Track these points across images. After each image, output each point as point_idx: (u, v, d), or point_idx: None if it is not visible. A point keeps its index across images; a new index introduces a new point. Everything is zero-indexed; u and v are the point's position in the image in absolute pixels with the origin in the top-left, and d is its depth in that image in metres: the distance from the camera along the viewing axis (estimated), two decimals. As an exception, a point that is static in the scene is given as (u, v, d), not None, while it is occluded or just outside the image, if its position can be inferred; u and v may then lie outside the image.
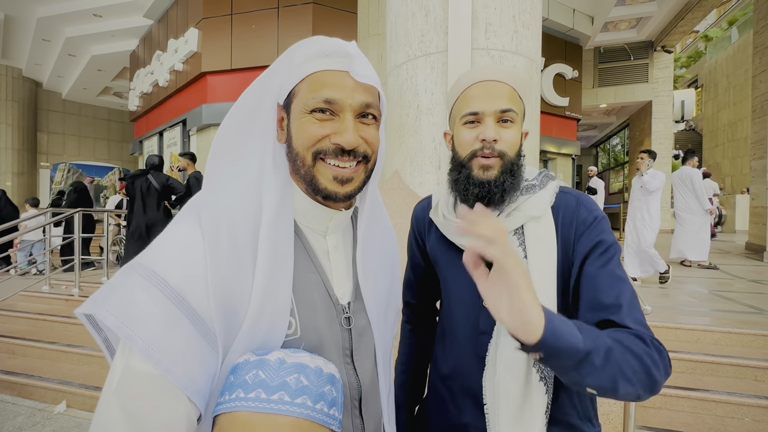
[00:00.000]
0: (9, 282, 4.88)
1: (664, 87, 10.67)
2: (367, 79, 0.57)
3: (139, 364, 0.45)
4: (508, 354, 0.71)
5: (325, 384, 0.47)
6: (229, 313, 0.50)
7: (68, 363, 3.23)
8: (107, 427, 0.44)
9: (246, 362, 0.47)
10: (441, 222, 0.84)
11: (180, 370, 0.46)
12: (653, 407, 2.23)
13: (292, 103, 0.58)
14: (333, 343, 0.59)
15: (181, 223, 0.53)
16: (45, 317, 3.91)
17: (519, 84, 0.78)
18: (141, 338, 0.44)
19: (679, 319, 2.92)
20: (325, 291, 0.60)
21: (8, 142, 11.28)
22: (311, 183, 0.57)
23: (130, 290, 0.47)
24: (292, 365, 0.46)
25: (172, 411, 0.45)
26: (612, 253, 0.70)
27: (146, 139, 9.72)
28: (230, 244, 0.52)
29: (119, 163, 14.19)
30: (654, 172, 4.60)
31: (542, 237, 0.74)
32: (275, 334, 0.52)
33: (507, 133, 0.75)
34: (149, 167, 4.73)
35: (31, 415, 2.68)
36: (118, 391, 0.44)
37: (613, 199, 14.01)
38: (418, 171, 2.13)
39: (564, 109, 9.24)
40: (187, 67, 7.55)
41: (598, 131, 14.94)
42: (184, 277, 0.48)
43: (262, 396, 0.43)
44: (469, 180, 0.76)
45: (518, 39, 2.09)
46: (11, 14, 8.66)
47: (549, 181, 0.80)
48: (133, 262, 0.49)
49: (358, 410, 0.61)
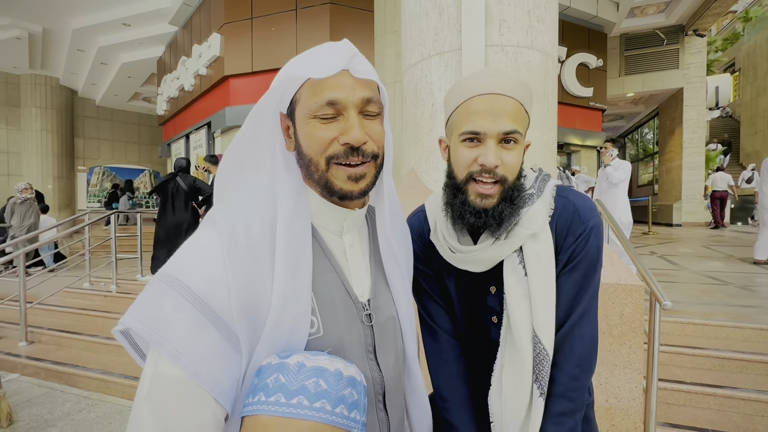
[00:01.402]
0: (54, 280, 5.24)
1: (697, 73, 10.15)
2: (365, 74, 0.58)
3: (168, 369, 0.47)
4: (514, 372, 0.73)
5: (345, 387, 0.48)
6: (252, 316, 0.52)
7: (109, 354, 3.46)
8: (141, 427, 0.46)
9: (268, 365, 0.48)
10: (446, 253, 0.79)
11: (206, 372, 0.48)
12: (677, 404, 2.19)
13: (295, 110, 0.59)
14: (355, 340, 0.61)
15: (200, 232, 0.56)
16: (86, 312, 4.19)
17: (525, 96, 0.72)
18: (169, 343, 0.47)
19: (708, 315, 2.83)
20: (344, 290, 0.62)
21: (49, 147, 11.98)
22: (326, 186, 0.58)
23: (156, 299, 0.49)
24: (311, 369, 0.47)
25: (200, 412, 0.48)
26: (584, 265, 0.73)
27: (174, 142, 10.11)
28: (248, 248, 0.53)
29: (149, 165, 14.82)
30: (618, 163, 4.36)
31: (540, 255, 0.72)
32: (298, 334, 0.54)
33: (509, 156, 0.70)
34: (177, 170, 4.94)
35: (78, 402, 2.90)
36: (148, 396, 0.47)
37: (641, 191, 13.49)
38: (434, 169, 2.16)
39: (588, 100, 8.97)
40: (210, 71, 7.80)
41: (626, 121, 14.39)
42: (205, 284, 0.50)
43: (282, 400, 0.44)
44: (464, 206, 0.72)
45: (533, 34, 2.08)
46: (49, 27, 9.19)
47: (545, 184, 0.77)
48: (159, 273, 0.52)
49: (382, 404, 0.63)
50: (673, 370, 2.42)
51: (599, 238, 0.74)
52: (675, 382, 2.25)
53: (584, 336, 0.72)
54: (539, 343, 0.70)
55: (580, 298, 0.73)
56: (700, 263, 4.98)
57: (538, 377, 0.71)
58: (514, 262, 0.73)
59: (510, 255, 0.74)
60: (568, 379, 0.71)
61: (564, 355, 0.72)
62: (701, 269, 4.58)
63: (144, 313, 0.48)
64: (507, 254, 0.73)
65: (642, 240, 7.58)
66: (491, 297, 0.78)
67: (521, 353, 0.71)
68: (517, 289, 0.73)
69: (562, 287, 0.73)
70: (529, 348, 0.71)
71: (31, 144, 11.80)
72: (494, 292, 0.78)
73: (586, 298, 0.73)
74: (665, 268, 4.71)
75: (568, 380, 0.71)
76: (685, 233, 8.58)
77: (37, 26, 9.08)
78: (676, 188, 10.51)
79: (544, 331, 0.71)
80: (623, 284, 1.71)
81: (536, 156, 2.10)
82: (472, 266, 0.76)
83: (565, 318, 0.73)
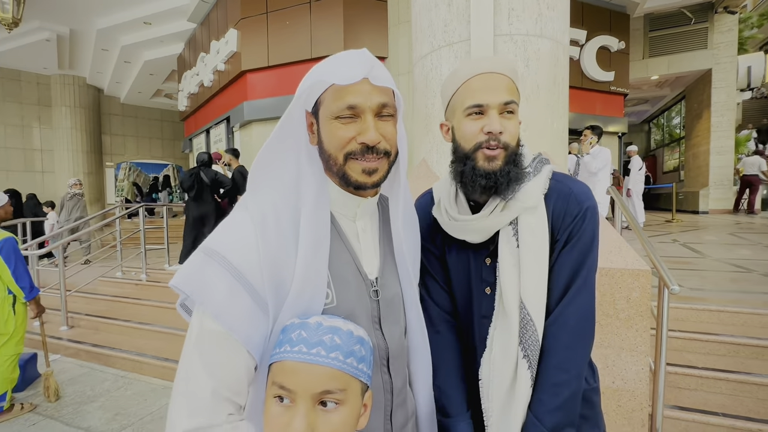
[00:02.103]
0: (89, 270, 5.58)
1: (727, 52, 9.64)
2: (383, 81, 0.66)
3: (211, 324, 0.58)
4: (503, 336, 0.79)
5: (355, 344, 0.57)
6: (278, 286, 0.61)
7: (141, 338, 3.70)
8: (190, 368, 0.58)
9: (292, 324, 0.59)
10: (445, 222, 0.86)
11: (241, 329, 0.58)
12: (688, 388, 2.21)
13: (319, 110, 0.67)
14: (364, 312, 0.69)
15: (235, 214, 0.66)
16: (119, 299, 4.46)
17: (514, 74, 0.81)
18: (211, 304, 0.58)
19: (726, 302, 2.80)
20: (356, 268, 0.71)
21: (78, 145, 12.53)
22: (343, 177, 0.67)
23: (200, 267, 0.60)
24: (328, 327, 0.57)
25: (236, 360, 0.59)
26: (582, 243, 0.78)
27: (195, 137, 10.40)
28: (276, 229, 0.63)
29: (172, 160, 15.29)
30: (598, 150, 4.17)
31: (534, 229, 0.78)
32: (316, 303, 0.63)
33: (510, 125, 0.78)
34: (199, 164, 5.13)
35: (115, 381, 3.13)
36: (196, 343, 0.58)
37: (667, 178, 13.03)
38: (445, 158, 2.20)
39: (609, 84, 8.69)
40: (228, 67, 7.96)
41: (650, 106, 13.84)
42: (241, 257, 0.60)
43: (304, 350, 0.55)
44: (474, 171, 0.78)
45: (543, 22, 2.08)
46: (75, 28, 9.55)
47: (543, 166, 0.83)
48: (201, 246, 0.63)
49: (386, 368, 0.72)
50: (686, 355, 2.43)
51: (595, 219, 0.79)
52: (686, 366, 2.27)
53: (579, 310, 0.77)
54: (524, 309, 0.76)
55: (576, 274, 0.77)
56: (725, 251, 4.85)
57: (522, 340, 0.76)
58: (509, 233, 0.80)
59: (505, 227, 0.80)
60: (563, 350, 0.75)
61: (558, 327, 0.76)
62: (725, 257, 4.47)
63: (191, 279, 0.59)
64: (503, 224, 0.80)
65: (665, 228, 7.39)
66: (486, 268, 0.84)
67: (509, 318, 0.78)
68: (509, 259, 0.79)
69: (561, 265, 0.78)
70: (516, 314, 0.77)
71: (63, 141, 12.37)
72: (489, 263, 0.84)
73: (582, 275, 0.77)
74: (687, 255, 4.62)
75: (563, 351, 0.75)
76: (711, 220, 8.29)
77: (64, 28, 9.45)
78: (703, 174, 10.12)
79: (530, 300, 0.76)
80: (630, 269, 1.74)
81: (547, 143, 2.12)
82: (470, 235, 0.83)
83: (563, 293, 0.78)
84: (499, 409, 0.79)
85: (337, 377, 0.54)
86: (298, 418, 0.52)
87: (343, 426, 0.55)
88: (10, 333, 2.64)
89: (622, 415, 1.75)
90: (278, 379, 0.55)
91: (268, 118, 7.23)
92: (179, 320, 3.82)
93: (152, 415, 2.60)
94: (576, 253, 0.78)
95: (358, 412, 0.57)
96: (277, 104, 7.08)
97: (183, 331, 3.60)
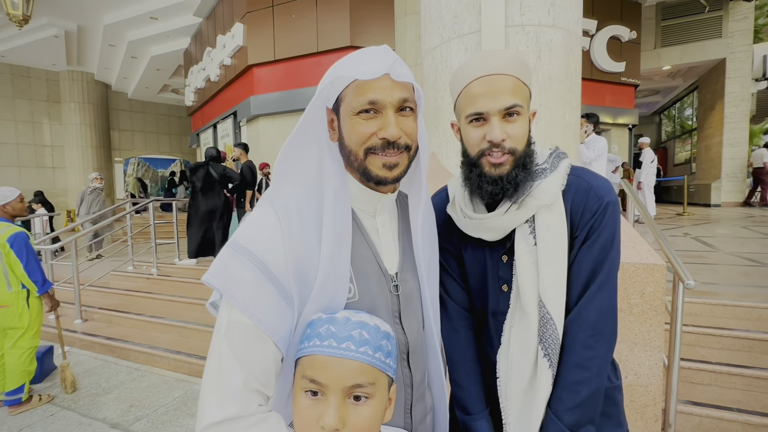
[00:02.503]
0: (101, 264, 5.66)
1: (742, 41, 9.41)
2: (403, 77, 0.66)
3: (239, 317, 0.59)
4: (521, 333, 0.78)
5: (382, 339, 0.58)
6: (302, 279, 0.62)
7: (153, 331, 3.76)
8: (220, 358, 0.59)
9: (319, 319, 0.60)
10: (460, 220, 0.85)
11: (268, 321, 0.59)
12: (701, 383, 2.19)
13: (340, 106, 0.68)
14: (384, 306, 0.70)
15: (260, 209, 0.66)
16: (131, 293, 4.53)
17: (522, 71, 0.76)
18: (239, 296, 0.59)
19: (740, 296, 2.76)
20: (376, 263, 0.72)
21: (88, 140, 12.67)
22: (364, 173, 0.68)
23: (228, 261, 0.61)
24: (356, 323, 0.58)
25: (265, 351, 0.60)
26: (602, 240, 0.75)
27: (202, 132, 10.46)
28: (300, 223, 0.64)
29: (180, 155, 15.40)
30: (594, 139, 3.95)
31: (552, 226, 0.76)
32: (339, 297, 0.64)
33: (514, 128, 0.75)
34: (208, 159, 5.15)
35: (129, 373, 3.19)
36: (226, 334, 0.59)
37: (678, 170, 12.84)
38: (454, 153, 2.20)
39: (619, 75, 8.55)
40: (235, 61, 7.96)
41: (662, 96, 13.59)
42: (267, 250, 0.61)
43: (334, 344, 0.55)
44: (481, 177, 0.77)
45: (555, 11, 2.04)
46: (83, 24, 9.60)
47: (560, 161, 0.81)
48: (228, 241, 0.63)
49: (406, 362, 0.73)
50: (699, 350, 2.40)
51: (616, 214, 0.76)
52: (700, 361, 2.24)
53: (600, 307, 0.75)
54: (544, 308, 0.76)
55: (597, 271, 0.76)
56: (737, 244, 4.77)
57: (542, 338, 0.76)
58: (525, 231, 0.78)
59: (522, 225, 0.78)
60: (582, 348, 0.74)
61: (579, 325, 0.75)
62: (737, 250, 4.40)
63: (220, 273, 0.60)
64: (519, 223, 0.78)
65: (676, 221, 7.29)
66: (503, 266, 0.83)
67: (528, 316, 0.77)
68: (527, 257, 0.78)
69: (581, 262, 0.76)
70: (535, 312, 0.76)
71: (72, 137, 12.52)
72: (506, 261, 0.83)
73: (604, 271, 0.76)
74: (698, 249, 4.55)
75: (582, 349, 0.74)
76: (723, 213, 8.16)
77: (72, 24, 9.50)
78: (715, 166, 9.94)
79: (549, 298, 0.75)
80: (644, 263, 1.72)
81: (558, 136, 2.09)
82: (486, 233, 0.81)
83: (583, 290, 0.76)
84: (518, 407, 0.78)
85: (367, 371, 0.55)
86: (330, 410, 0.53)
87: (371, 419, 0.56)
88: (25, 327, 2.69)
89: (635, 410, 1.74)
90: (309, 373, 0.56)
91: (275, 113, 7.22)
92: (190, 314, 3.87)
93: (166, 407, 2.65)
94: (596, 250, 0.76)
95: (385, 405, 0.59)
96: (284, 98, 7.07)
97: (194, 325, 3.65)
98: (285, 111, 7.07)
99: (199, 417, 0.57)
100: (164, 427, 2.43)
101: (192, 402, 2.71)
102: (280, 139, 7.00)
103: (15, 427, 2.50)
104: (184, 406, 2.66)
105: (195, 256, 5.10)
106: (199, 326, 3.57)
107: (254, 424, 0.56)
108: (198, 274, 4.73)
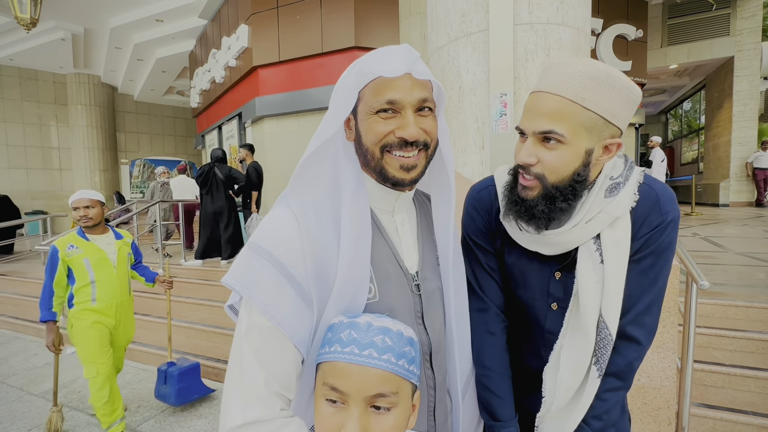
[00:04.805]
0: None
1: (750, 39, 9.29)
2: (424, 75, 0.65)
3: (259, 319, 0.59)
4: (573, 355, 0.75)
5: (405, 345, 0.56)
6: (321, 280, 0.61)
7: (161, 332, 3.76)
8: (241, 360, 0.58)
9: (340, 323, 0.57)
10: (515, 232, 0.79)
11: (288, 323, 0.59)
12: (715, 386, 2.15)
13: (358, 106, 0.67)
14: (406, 306, 0.69)
15: (277, 210, 0.65)
16: (138, 294, 4.52)
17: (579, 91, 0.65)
18: (259, 298, 0.58)
19: (751, 297, 2.71)
20: (396, 262, 0.70)
21: (94, 142, 12.78)
22: (381, 173, 0.66)
23: (247, 263, 0.61)
24: (378, 328, 0.55)
25: (285, 353, 0.59)
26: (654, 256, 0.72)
27: (207, 133, 10.49)
28: (317, 223, 0.63)
29: (185, 156, 15.47)
30: None
31: (620, 242, 0.71)
32: (359, 298, 0.63)
33: (548, 155, 0.68)
34: (214, 160, 5.16)
35: (137, 373, 3.20)
36: (246, 336, 0.59)
37: (685, 170, 12.71)
38: (462, 151, 2.18)
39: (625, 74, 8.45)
40: (239, 63, 7.98)
41: (668, 95, 13.47)
42: (285, 251, 0.61)
43: (355, 351, 0.53)
44: (512, 192, 0.76)
45: (564, 9, 2.02)
46: (89, 27, 9.68)
47: (632, 172, 0.75)
48: (247, 243, 0.63)
49: (429, 363, 0.72)
50: (712, 352, 2.36)
51: (674, 232, 0.73)
52: (713, 364, 2.21)
53: (646, 326, 0.74)
54: (606, 329, 0.72)
55: (646, 288, 0.73)
56: (748, 244, 4.71)
57: (599, 360, 0.73)
58: (590, 248, 0.73)
59: (587, 241, 0.73)
60: (624, 364, 0.74)
61: (624, 343, 0.74)
62: (747, 251, 4.34)
63: (239, 275, 0.60)
64: (585, 240, 0.73)
65: (684, 221, 7.20)
66: (554, 283, 0.79)
67: (586, 336, 0.73)
68: (591, 275, 0.72)
69: (629, 275, 0.72)
70: (594, 332, 0.73)
71: (79, 139, 12.62)
72: (558, 278, 0.78)
73: (654, 289, 0.73)
74: (708, 249, 4.50)
75: (624, 364, 0.74)
76: (732, 213, 8.06)
77: (78, 27, 9.58)
78: (723, 166, 9.83)
79: (611, 317, 0.72)
80: (657, 264, 1.69)
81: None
82: (545, 248, 0.77)
83: (630, 307, 0.73)
84: (555, 418, 0.77)
85: (390, 380, 0.53)
86: (352, 420, 0.51)
87: (395, 428, 0.54)
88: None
89: (647, 412, 1.72)
90: (330, 381, 0.54)
91: (280, 114, 7.23)
92: (197, 315, 3.87)
93: (173, 408, 2.65)
94: (645, 266, 0.73)
95: (409, 413, 0.57)
96: (289, 99, 7.07)
97: (201, 325, 3.65)
98: (290, 112, 7.07)
99: (222, 419, 0.56)
100: (171, 428, 2.43)
101: (199, 403, 2.71)
102: (285, 140, 7.01)
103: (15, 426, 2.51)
104: (191, 407, 2.66)
105: (201, 257, 5.12)
106: (206, 327, 3.57)
107: (276, 430, 0.55)
108: (204, 275, 4.74)
